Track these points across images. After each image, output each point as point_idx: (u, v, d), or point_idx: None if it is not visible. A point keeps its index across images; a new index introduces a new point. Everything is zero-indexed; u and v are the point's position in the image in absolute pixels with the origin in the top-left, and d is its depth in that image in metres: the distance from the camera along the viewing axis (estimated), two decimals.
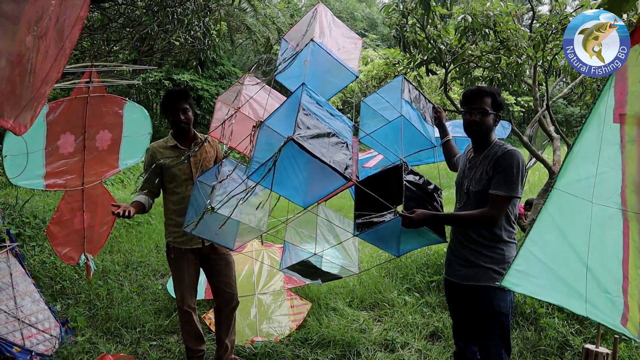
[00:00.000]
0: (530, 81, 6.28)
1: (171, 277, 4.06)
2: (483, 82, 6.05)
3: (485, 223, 2.66)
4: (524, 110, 25.63)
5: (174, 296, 3.81)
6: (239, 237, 3.17)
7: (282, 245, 5.60)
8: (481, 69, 6.15)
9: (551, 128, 6.23)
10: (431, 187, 2.86)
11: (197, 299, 4.01)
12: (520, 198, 2.67)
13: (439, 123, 3.37)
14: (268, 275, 5.03)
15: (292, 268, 3.16)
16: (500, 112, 2.78)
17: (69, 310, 4.72)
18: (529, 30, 5.66)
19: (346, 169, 2.26)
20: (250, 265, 5.11)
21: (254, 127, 2.96)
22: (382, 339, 4.30)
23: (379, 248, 3.06)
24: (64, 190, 4.63)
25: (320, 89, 2.89)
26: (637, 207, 2.64)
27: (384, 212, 2.65)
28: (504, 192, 2.61)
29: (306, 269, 3.17)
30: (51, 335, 4.06)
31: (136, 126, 4.72)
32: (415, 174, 2.81)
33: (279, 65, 3.00)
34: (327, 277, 3.33)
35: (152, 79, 15.45)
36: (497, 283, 2.48)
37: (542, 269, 2.67)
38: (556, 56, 5.42)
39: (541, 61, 5.41)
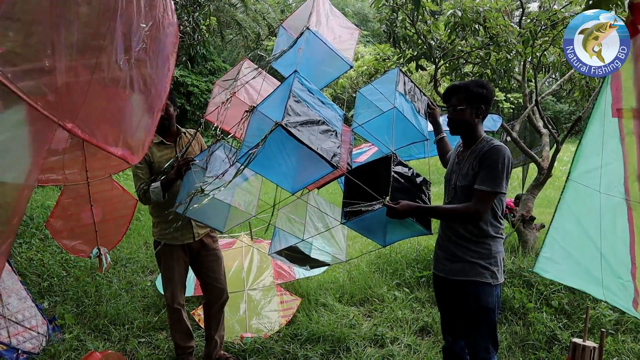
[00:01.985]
0: (519, 77, 6.30)
1: (160, 274, 4.03)
2: (473, 78, 6.06)
3: (469, 217, 2.66)
4: (513, 106, 25.75)
5: (163, 293, 3.79)
6: (229, 221, 3.17)
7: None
8: (471, 65, 6.16)
9: (540, 124, 6.25)
10: (420, 179, 2.87)
11: (186, 295, 4.00)
12: (505, 194, 2.68)
13: (432, 120, 3.36)
14: (258, 270, 5.02)
15: (280, 253, 3.17)
16: (481, 103, 2.75)
17: (56, 308, 4.68)
18: (518, 27, 5.67)
19: (333, 156, 2.27)
20: (240, 261, 5.10)
21: (246, 111, 2.96)
22: (372, 334, 4.31)
23: (366, 237, 3.09)
24: (61, 185, 4.65)
25: (314, 77, 2.89)
26: (639, 196, 2.74)
27: (373, 202, 2.66)
28: (488, 188, 2.60)
29: (294, 254, 3.19)
30: (38, 332, 4.02)
31: None
32: (404, 165, 2.81)
33: (275, 52, 2.99)
34: (315, 263, 3.34)
35: None
36: (530, 269, 2.58)
37: (564, 255, 2.80)
38: (545, 52, 5.44)
39: (530, 57, 5.43)
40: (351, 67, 2.95)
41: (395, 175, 2.67)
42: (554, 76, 7.11)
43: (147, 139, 1.98)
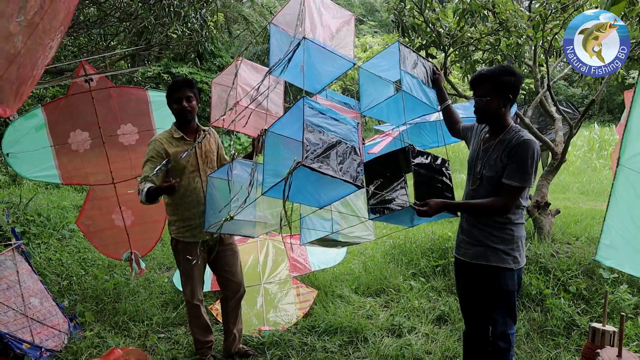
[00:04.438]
0: (530, 63, 6.24)
1: (177, 270, 4.07)
2: (483, 65, 6.01)
3: (497, 211, 2.71)
4: (524, 92, 25.49)
5: (181, 289, 3.83)
6: (258, 229, 3.29)
7: (287, 234, 5.63)
8: (480, 51, 6.10)
9: (552, 109, 6.19)
10: (438, 162, 2.91)
11: (204, 290, 4.03)
12: (531, 187, 2.70)
13: (436, 86, 3.27)
14: (273, 264, 5.05)
15: (312, 243, 3.32)
16: (508, 93, 2.70)
17: (76, 306, 4.74)
18: (527, 11, 5.61)
19: (357, 177, 2.40)
20: (255, 255, 5.12)
21: (259, 135, 3.19)
22: (389, 324, 4.32)
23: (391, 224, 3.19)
24: (82, 186, 4.81)
25: (318, 78, 2.90)
26: None
27: (395, 185, 2.71)
28: (517, 183, 2.63)
29: (325, 242, 3.34)
30: (60, 330, 4.09)
31: (169, 118, 4.56)
32: (422, 154, 2.83)
33: (271, 52, 2.99)
34: (346, 244, 3.59)
35: (150, 73, 15.39)
36: (593, 258, 2.63)
37: (622, 241, 2.79)
38: (556, 36, 5.38)
39: (541, 41, 5.36)
40: (354, 64, 2.93)
41: (416, 167, 2.71)
42: (565, 60, 7.02)
43: (24, 95, 2.00)
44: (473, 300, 3.02)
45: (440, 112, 3.40)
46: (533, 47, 5.80)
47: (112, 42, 9.62)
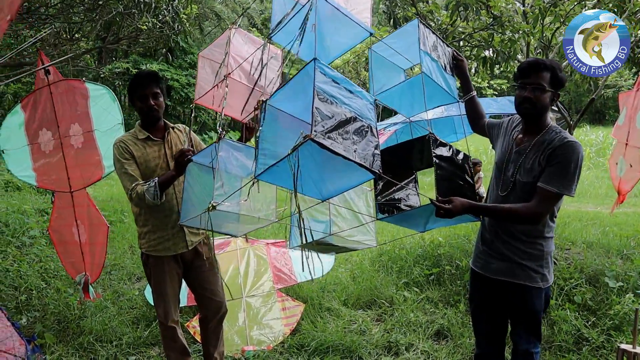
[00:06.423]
0: (523, 59, 5.99)
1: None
2: (474, 60, 5.73)
3: (529, 220, 2.36)
4: (497, 93, 25.63)
5: (155, 308, 3.39)
6: (242, 226, 2.84)
7: (270, 242, 5.22)
8: (470, 47, 5.82)
9: None
10: (460, 156, 2.55)
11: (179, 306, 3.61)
12: (573, 196, 2.35)
13: (460, 74, 2.87)
14: (255, 275, 4.63)
15: (302, 247, 2.82)
16: (559, 90, 2.43)
17: (35, 325, 4.24)
18: (522, 6, 5.35)
19: (373, 162, 1.92)
20: (235, 265, 4.70)
21: (255, 108, 2.65)
22: (385, 341, 3.97)
23: (401, 227, 2.76)
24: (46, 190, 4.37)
25: (328, 49, 2.48)
26: None
27: (405, 182, 2.42)
28: (556, 189, 2.29)
29: (318, 246, 2.88)
30: (15, 355, 3.59)
31: (104, 115, 4.07)
32: (444, 145, 2.49)
33: (273, 19, 2.52)
34: (343, 250, 3.10)
35: (118, 69, 14.75)
36: None
37: None
38: (555, 33, 5.12)
39: (540, 36, 5.10)
40: (371, 34, 2.49)
41: (437, 160, 2.34)
42: (558, 57, 6.81)
43: None
44: (492, 316, 2.70)
45: (427, 111, 3.05)
46: (527, 44, 5.54)
47: (76, 34, 9.04)
